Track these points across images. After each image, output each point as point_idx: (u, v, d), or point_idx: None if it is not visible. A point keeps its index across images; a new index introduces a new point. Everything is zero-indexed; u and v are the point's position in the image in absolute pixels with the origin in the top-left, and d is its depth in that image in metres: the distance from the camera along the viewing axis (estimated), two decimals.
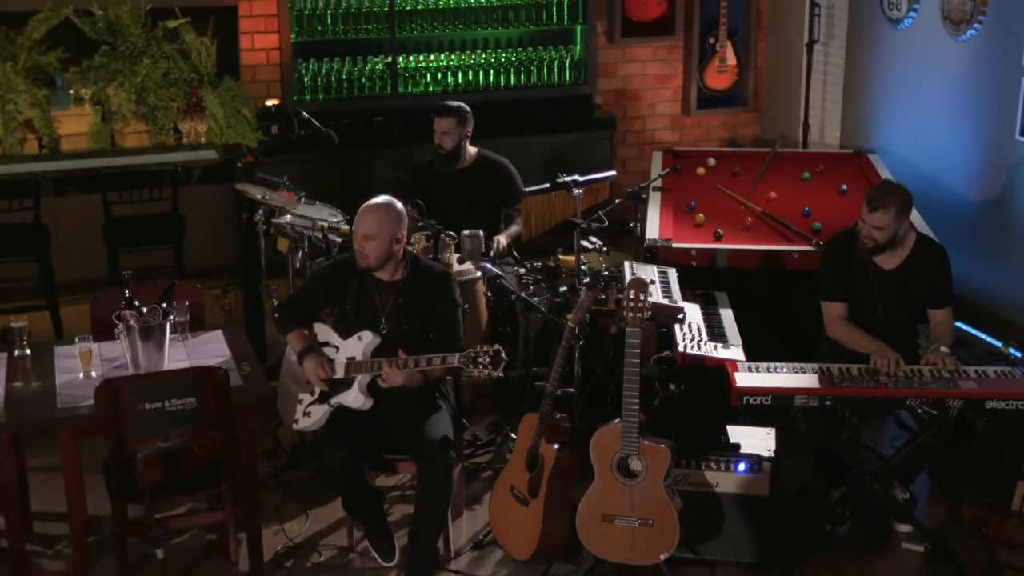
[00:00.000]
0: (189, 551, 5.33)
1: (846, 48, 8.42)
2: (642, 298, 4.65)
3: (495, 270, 5.90)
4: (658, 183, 7.10)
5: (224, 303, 7.43)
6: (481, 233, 6.13)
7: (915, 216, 6.43)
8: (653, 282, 5.70)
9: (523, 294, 5.91)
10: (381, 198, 5.01)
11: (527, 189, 6.43)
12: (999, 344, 6.14)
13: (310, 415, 4.95)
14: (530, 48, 8.94)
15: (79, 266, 7.25)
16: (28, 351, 5.13)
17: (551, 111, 8.90)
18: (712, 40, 9.11)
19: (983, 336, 6.56)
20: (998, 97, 7.00)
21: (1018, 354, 5.94)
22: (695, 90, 9.28)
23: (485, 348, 4.63)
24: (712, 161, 7.48)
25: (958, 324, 6.83)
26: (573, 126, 8.83)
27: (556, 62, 8.94)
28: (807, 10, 8.39)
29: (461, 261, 6.06)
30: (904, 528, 5.20)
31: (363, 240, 4.86)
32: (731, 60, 9.17)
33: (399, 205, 4.98)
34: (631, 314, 4.61)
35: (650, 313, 4.80)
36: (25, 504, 5.31)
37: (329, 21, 8.46)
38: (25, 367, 5.06)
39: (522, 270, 6.20)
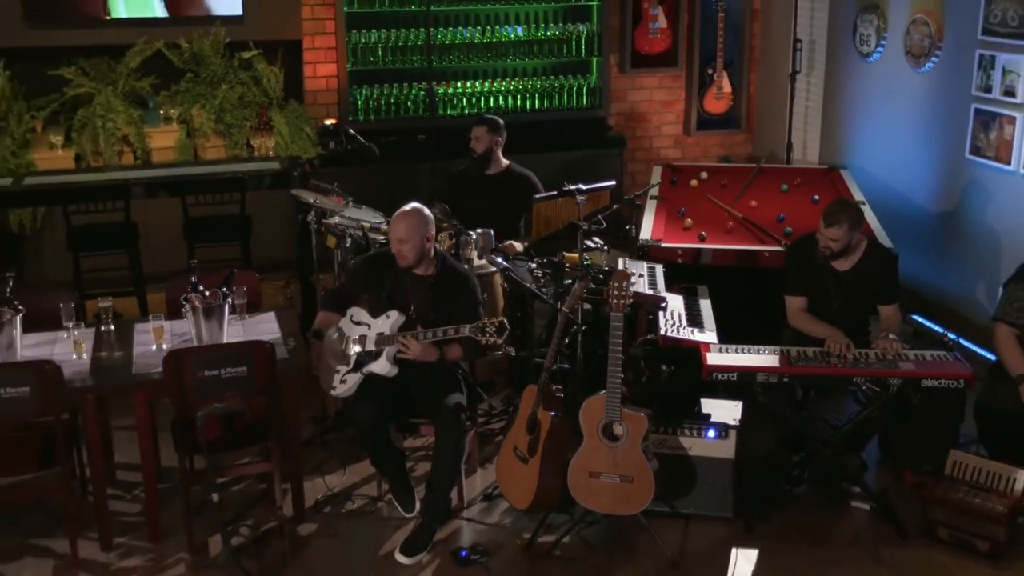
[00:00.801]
0: (242, 497, 5.41)
1: (824, 78, 8.46)
2: (625, 288, 4.70)
3: (504, 264, 5.91)
4: (655, 192, 7.09)
5: (286, 292, 7.49)
6: (491, 232, 6.10)
7: (875, 224, 6.49)
8: (642, 276, 5.70)
9: (532, 286, 5.91)
10: (409, 206, 5.04)
11: (536, 196, 6.44)
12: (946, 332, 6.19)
13: (346, 382, 4.98)
14: (552, 77, 8.92)
15: (163, 258, 7.33)
16: (112, 327, 5.24)
17: (570, 131, 8.86)
18: (710, 71, 9.13)
19: (933, 326, 6.60)
20: (951, 121, 6.97)
21: (955, 337, 5.99)
22: (695, 114, 9.25)
23: (492, 320, 4.69)
24: (704, 174, 7.47)
25: (915, 317, 6.89)
26: (589, 144, 8.78)
27: (575, 89, 8.93)
28: (791, 45, 8.31)
29: (479, 256, 6.06)
30: (854, 489, 5.20)
31: (399, 244, 4.90)
32: (727, 88, 9.19)
33: (426, 210, 5.02)
34: (615, 301, 4.66)
35: (632, 300, 4.82)
36: (109, 456, 5.42)
37: (379, 53, 8.47)
38: (109, 340, 5.17)
39: (532, 265, 6.19)
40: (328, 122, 8.27)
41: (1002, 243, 6.37)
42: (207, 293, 5.08)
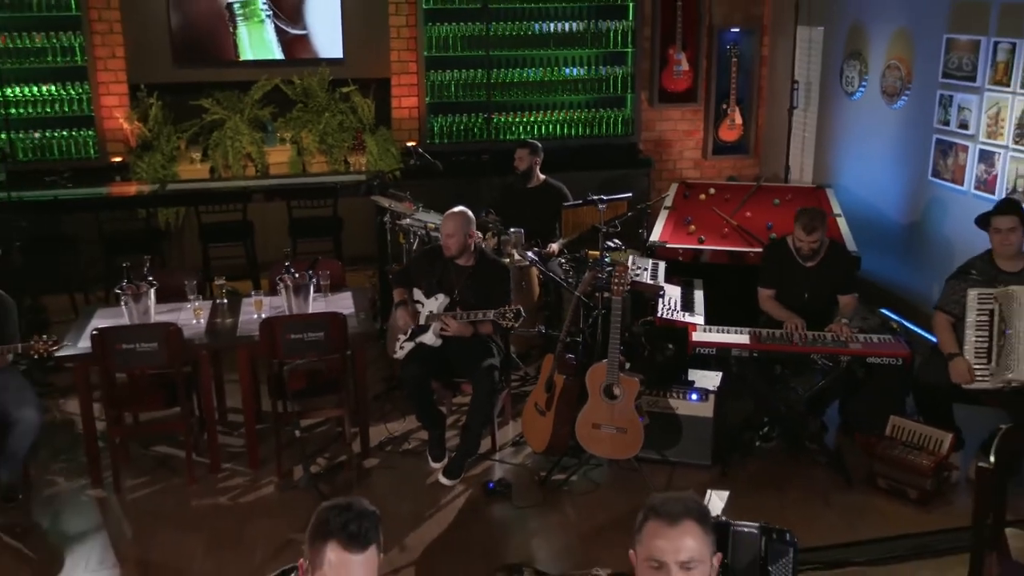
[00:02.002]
0: (320, 436, 5.59)
1: (817, 113, 8.34)
2: (624, 278, 4.80)
3: (534, 257, 5.99)
4: (668, 202, 7.15)
5: (371, 279, 7.53)
6: (523, 231, 6.18)
7: (846, 232, 6.46)
8: (646, 270, 5.77)
9: (558, 276, 6.00)
10: (457, 208, 5.14)
11: (565, 203, 6.53)
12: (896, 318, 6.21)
13: (404, 348, 5.15)
14: (593, 110, 8.81)
15: (271, 250, 7.38)
16: (225, 300, 5.44)
17: (608, 154, 8.74)
18: (725, 106, 9.05)
19: (894, 316, 6.60)
20: (917, 149, 6.90)
21: (910, 325, 5.99)
22: (712, 141, 9.14)
23: (510, 307, 4.79)
24: (712, 190, 7.45)
25: (883, 310, 6.85)
26: (623, 165, 8.60)
27: (612, 120, 8.83)
28: (790, 85, 8.31)
29: (520, 255, 6.09)
30: (813, 447, 5.19)
31: (447, 238, 5.04)
32: (738, 120, 9.11)
33: (469, 212, 5.11)
34: (616, 287, 4.76)
35: (629, 287, 4.93)
36: (221, 401, 5.65)
37: (452, 89, 8.45)
38: (222, 310, 5.37)
39: (562, 260, 6.31)
40: (409, 144, 8.12)
41: (955, 249, 6.31)
42: (297, 275, 5.25)
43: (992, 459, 3.44)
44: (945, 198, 6.66)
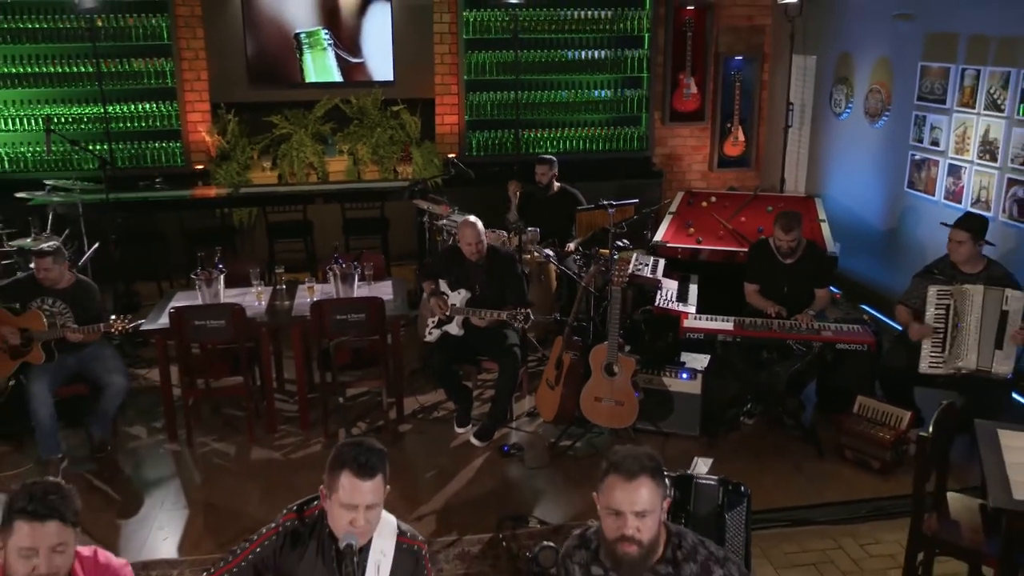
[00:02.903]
0: (362, 404, 5.67)
1: (809, 131, 8.31)
2: (623, 271, 4.85)
3: (550, 254, 6.06)
4: (673, 208, 7.17)
5: (414, 271, 7.63)
6: (538, 230, 6.23)
7: (828, 235, 6.44)
8: (647, 265, 5.85)
9: (572, 271, 6.06)
10: (470, 218, 5.11)
11: (579, 207, 6.57)
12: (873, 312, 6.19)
13: (432, 334, 5.21)
14: (612, 127, 8.80)
15: (328, 246, 7.11)
16: (284, 286, 5.50)
17: (624, 166, 8.72)
18: (729, 124, 9.03)
19: (871, 311, 6.61)
20: (895, 163, 6.90)
21: (882, 317, 5.96)
22: (717, 156, 9.12)
23: (520, 310, 4.81)
24: (713, 198, 7.46)
25: (863, 306, 6.87)
26: (638, 176, 8.63)
27: (628, 136, 8.84)
28: (786, 107, 8.29)
29: (538, 252, 6.13)
30: (790, 422, 5.22)
31: (470, 246, 5.04)
32: (741, 137, 9.08)
33: (479, 223, 5.09)
34: (616, 279, 4.82)
35: (628, 279, 4.98)
36: (280, 372, 5.73)
37: (488, 109, 8.50)
38: (281, 295, 5.45)
39: (576, 257, 6.34)
40: (450, 156, 8.12)
41: (927, 252, 6.26)
42: (344, 265, 5.38)
43: (930, 430, 3.49)
44: (919, 207, 6.65)
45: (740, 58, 8.93)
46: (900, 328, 5.18)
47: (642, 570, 2.36)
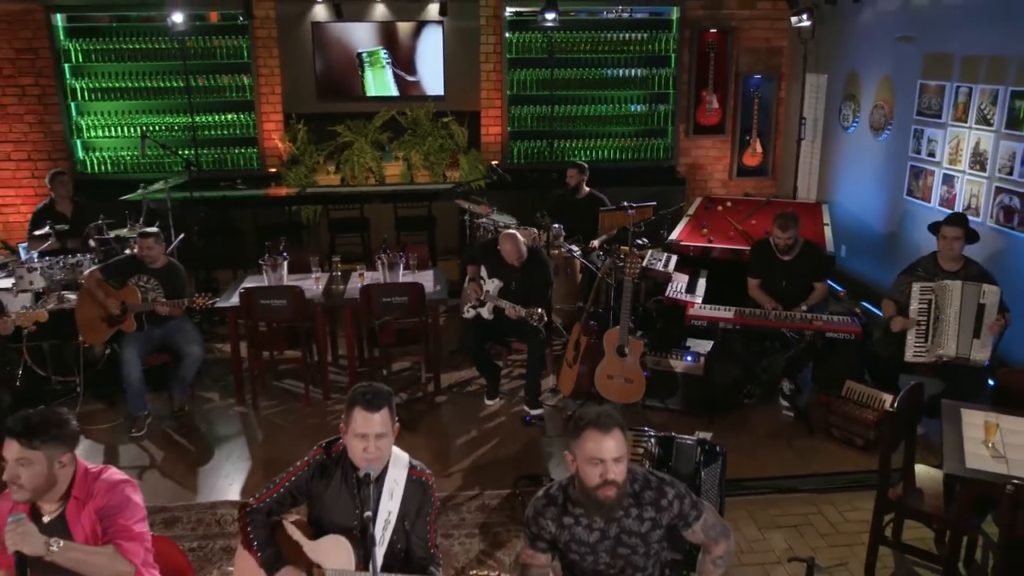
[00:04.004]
0: (404, 378, 5.85)
1: (821, 143, 8.27)
2: (635, 264, 4.94)
3: (576, 249, 6.17)
4: (691, 211, 7.25)
5: (460, 260, 7.78)
6: (561, 227, 6.31)
7: (829, 236, 6.45)
8: (660, 260, 5.96)
9: (594, 265, 6.10)
10: (509, 231, 5.24)
11: (602, 208, 6.68)
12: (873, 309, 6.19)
13: (469, 312, 5.38)
14: (641, 139, 8.86)
15: (381, 240, 7.50)
16: (339, 272, 5.73)
17: (652, 174, 8.77)
18: (748, 137, 9.03)
19: (871, 308, 6.60)
20: (896, 173, 6.90)
21: (874, 311, 5.95)
22: (736, 165, 9.11)
23: (537, 311, 4.91)
24: (728, 203, 7.53)
25: (864, 303, 6.84)
26: (664, 183, 8.62)
27: (655, 147, 8.89)
28: (799, 121, 8.34)
29: (564, 248, 6.22)
30: (785, 403, 5.34)
31: (509, 255, 5.15)
32: (759, 149, 9.07)
33: (519, 236, 5.21)
34: (629, 270, 4.92)
35: (639, 271, 5.08)
36: (333, 348, 5.97)
37: (529, 121, 8.63)
38: (336, 280, 5.66)
39: (600, 253, 6.43)
40: (493, 163, 8.47)
41: (923, 254, 6.24)
42: (390, 254, 5.60)
43: (895, 407, 3.59)
44: (916, 213, 6.64)
45: (759, 76, 8.93)
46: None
47: (619, 508, 2.53)
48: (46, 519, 2.57)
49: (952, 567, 3.48)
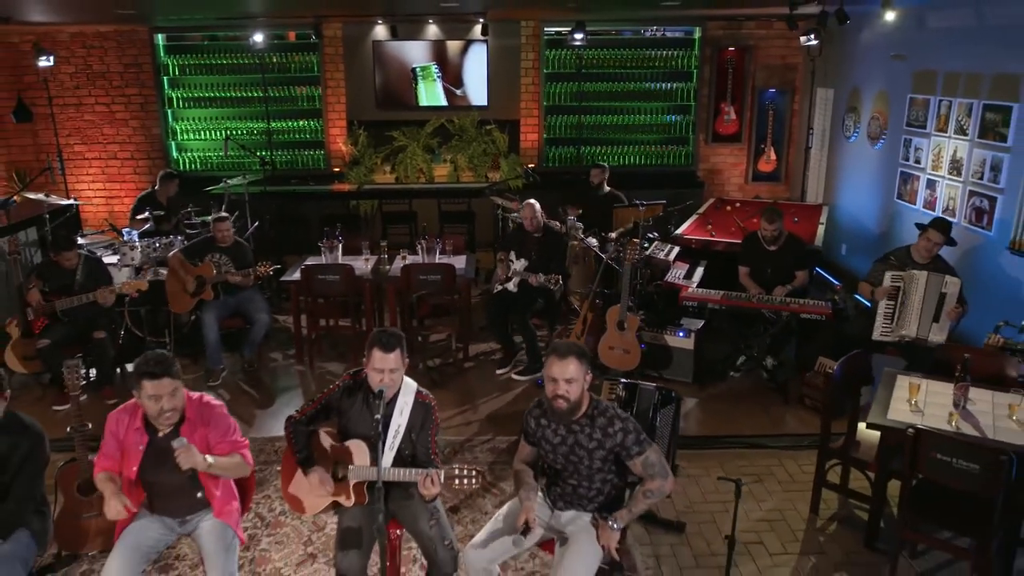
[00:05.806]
0: (438, 346, 6.25)
1: (827, 151, 8.43)
2: (635, 251, 5.30)
3: (592, 239, 6.50)
4: (700, 210, 7.61)
5: (494, 249, 8.04)
6: (575, 220, 6.61)
7: (821, 233, 6.75)
8: (663, 250, 6.37)
9: (604, 252, 6.35)
10: (530, 200, 5.61)
11: (616, 205, 7.02)
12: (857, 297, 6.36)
13: (496, 288, 5.74)
14: (663, 146, 9.09)
15: (422, 229, 7.86)
16: (385, 255, 6.05)
17: (673, 179, 8.95)
18: (763, 145, 9.18)
19: (863, 300, 6.78)
20: (888, 178, 7.10)
21: (859, 298, 6.12)
22: (752, 171, 9.26)
23: (555, 276, 5.25)
24: (737, 204, 7.84)
25: (857, 296, 7.01)
26: (685, 186, 8.74)
27: (677, 153, 9.13)
28: (806, 131, 8.56)
29: (581, 239, 6.52)
30: (766, 376, 5.60)
31: (528, 220, 5.59)
32: (773, 157, 9.21)
33: (537, 204, 5.59)
34: (629, 257, 5.28)
35: (639, 258, 5.48)
36: (379, 319, 6.27)
37: (562, 129, 8.97)
38: (383, 261, 6.01)
39: (612, 243, 6.84)
40: (529, 166, 8.71)
41: None
42: (429, 239, 6.05)
43: (836, 371, 3.97)
44: (904, 214, 6.86)
45: (773, 90, 9.12)
46: (868, 304, 5.49)
47: (569, 419, 3.00)
48: (160, 435, 2.95)
49: (877, 504, 3.87)
